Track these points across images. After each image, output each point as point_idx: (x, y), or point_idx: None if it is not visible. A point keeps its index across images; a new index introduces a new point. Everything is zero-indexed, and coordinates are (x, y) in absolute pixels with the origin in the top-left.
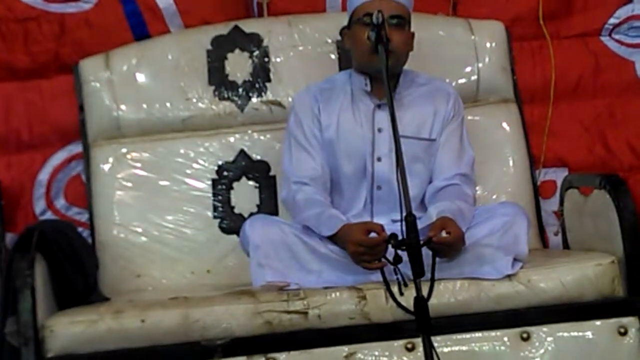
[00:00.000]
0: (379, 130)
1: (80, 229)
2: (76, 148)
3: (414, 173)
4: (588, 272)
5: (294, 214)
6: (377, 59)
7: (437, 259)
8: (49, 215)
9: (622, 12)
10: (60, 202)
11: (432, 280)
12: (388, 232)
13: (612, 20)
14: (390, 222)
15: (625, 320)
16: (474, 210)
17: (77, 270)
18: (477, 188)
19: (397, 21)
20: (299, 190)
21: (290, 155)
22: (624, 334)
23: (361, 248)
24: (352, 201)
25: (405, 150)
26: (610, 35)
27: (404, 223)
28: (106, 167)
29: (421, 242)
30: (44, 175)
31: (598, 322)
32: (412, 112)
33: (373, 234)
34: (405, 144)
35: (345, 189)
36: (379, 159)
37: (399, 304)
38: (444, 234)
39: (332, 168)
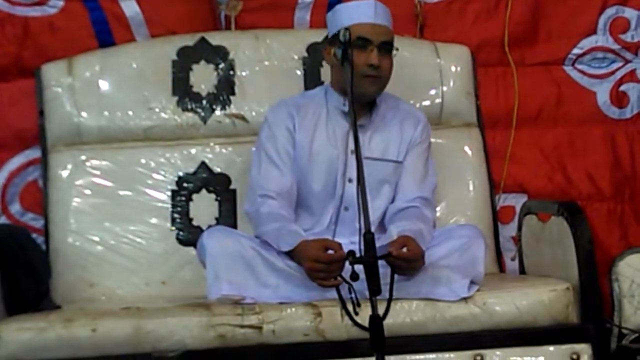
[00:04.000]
0: (352, 152)
1: (34, 235)
2: (34, 153)
3: (382, 195)
4: (543, 298)
5: (256, 226)
6: (364, 85)
7: (395, 278)
8: (3, 220)
9: (586, 43)
10: (15, 207)
11: (390, 298)
12: (346, 252)
13: (575, 51)
14: (349, 243)
15: (578, 346)
16: (433, 231)
17: (29, 276)
18: (437, 209)
19: (386, 47)
20: (264, 203)
21: (259, 168)
22: None
23: (317, 265)
24: (318, 219)
25: (373, 172)
26: (573, 65)
27: (362, 240)
28: (64, 173)
29: (379, 256)
30: None
31: (551, 348)
32: (383, 135)
33: (330, 252)
34: (373, 165)
35: (312, 206)
36: (349, 180)
37: (354, 322)
38: (404, 250)
39: (302, 184)
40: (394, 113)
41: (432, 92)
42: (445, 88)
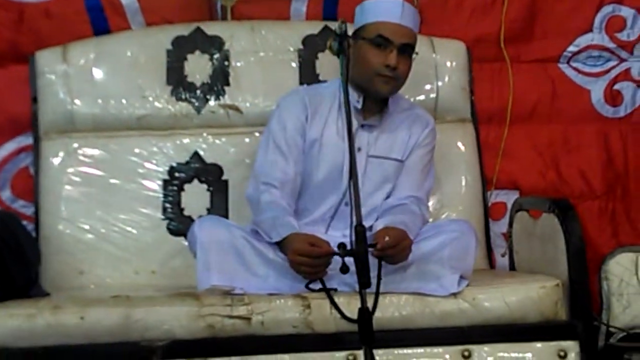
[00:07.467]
0: (358, 149)
1: (24, 223)
2: (26, 140)
3: (383, 192)
4: (532, 294)
5: (254, 213)
6: (377, 83)
7: (385, 271)
8: None
9: (582, 41)
10: (6, 194)
11: (377, 292)
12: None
13: (571, 48)
14: (342, 236)
15: (566, 344)
16: (422, 226)
17: (19, 263)
18: (429, 203)
19: (406, 49)
20: (266, 191)
21: (265, 154)
22: (564, 357)
23: (300, 258)
24: (315, 209)
25: (377, 170)
26: (568, 62)
27: (353, 233)
28: (56, 161)
29: (368, 245)
30: None
31: (539, 344)
32: (390, 135)
33: (316, 248)
34: (377, 163)
35: (312, 196)
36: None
37: (342, 314)
38: (387, 239)
39: (305, 174)
40: (406, 115)
41: (427, 87)
42: (440, 83)
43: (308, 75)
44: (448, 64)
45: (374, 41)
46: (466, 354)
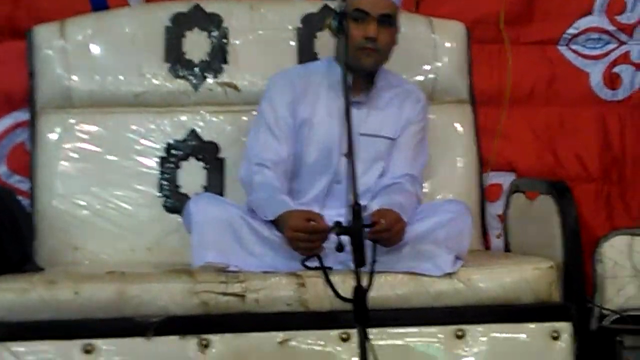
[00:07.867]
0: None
1: (20, 198)
2: (22, 115)
3: (375, 170)
4: (526, 275)
5: (248, 193)
6: (360, 57)
7: (381, 252)
8: None
9: (582, 23)
10: (2, 169)
11: (372, 271)
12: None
13: (570, 31)
14: (337, 215)
15: (559, 325)
16: (417, 205)
17: (13, 238)
18: (425, 185)
19: (386, 20)
20: (259, 172)
21: (257, 135)
22: (557, 338)
23: (298, 234)
24: (308, 190)
25: (368, 148)
26: (567, 45)
27: (349, 211)
28: (52, 136)
29: (364, 225)
30: None
31: (532, 325)
32: (381, 112)
33: (312, 223)
34: (368, 142)
35: (304, 177)
36: (345, 155)
37: (336, 293)
38: (382, 221)
39: (298, 154)
40: (396, 92)
41: (426, 67)
42: (439, 64)
43: (306, 54)
44: (447, 44)
45: (352, 15)
46: (460, 333)
